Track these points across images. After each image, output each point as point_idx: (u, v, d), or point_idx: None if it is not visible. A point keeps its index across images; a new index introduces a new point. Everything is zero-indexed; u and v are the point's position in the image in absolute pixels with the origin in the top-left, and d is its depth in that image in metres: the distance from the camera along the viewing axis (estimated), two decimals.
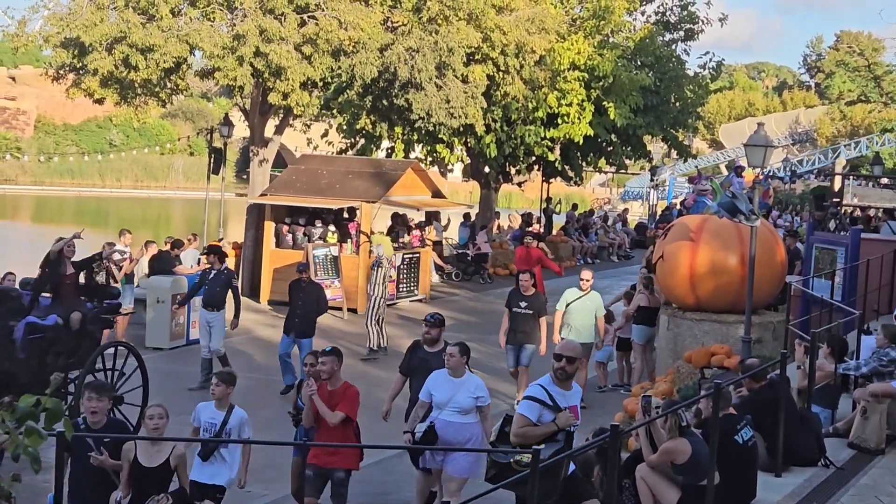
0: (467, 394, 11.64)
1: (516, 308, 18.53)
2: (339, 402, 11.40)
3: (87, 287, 16.84)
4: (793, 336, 18.62)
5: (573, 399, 9.37)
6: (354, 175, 29.96)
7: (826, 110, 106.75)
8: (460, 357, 11.80)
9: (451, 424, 11.57)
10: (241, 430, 11.41)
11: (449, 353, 11.87)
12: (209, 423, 11.49)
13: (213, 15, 28.01)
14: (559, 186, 62.98)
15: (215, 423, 11.44)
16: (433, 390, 11.75)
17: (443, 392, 11.68)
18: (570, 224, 45.26)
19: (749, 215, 17.18)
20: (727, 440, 10.46)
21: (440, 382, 11.77)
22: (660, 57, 40.08)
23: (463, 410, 11.62)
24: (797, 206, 62.09)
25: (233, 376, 12.10)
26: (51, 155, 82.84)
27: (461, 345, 11.99)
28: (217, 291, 20.39)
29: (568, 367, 9.33)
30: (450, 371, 11.79)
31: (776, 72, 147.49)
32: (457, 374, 11.73)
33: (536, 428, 9.10)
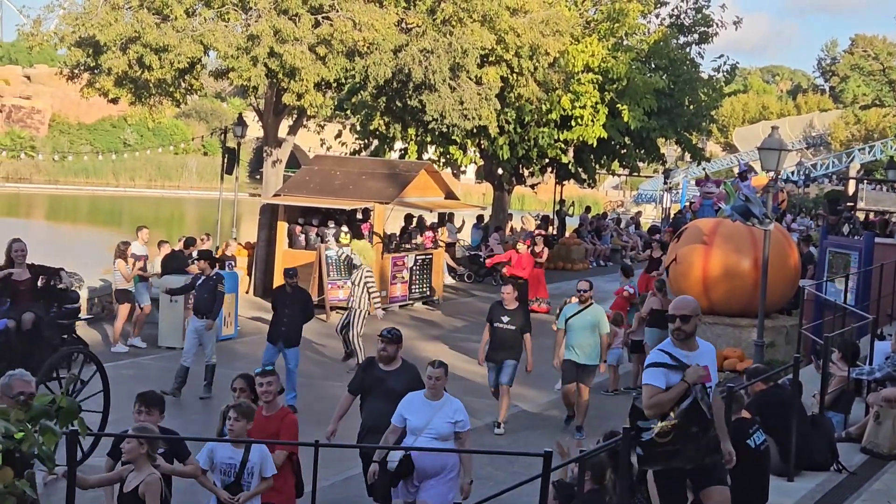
0: (445, 419, 10.78)
1: (498, 323, 17.16)
2: (276, 430, 10.44)
3: (44, 291, 15.79)
4: (806, 340, 18.61)
5: (701, 358, 8.59)
6: (368, 176, 29.97)
7: (840, 114, 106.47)
8: (445, 379, 10.99)
9: (430, 452, 10.68)
10: (263, 467, 10.06)
11: (433, 376, 10.90)
12: (226, 465, 10.03)
13: (228, 15, 28.05)
14: (572, 189, 62.95)
15: (234, 462, 10.01)
16: (407, 414, 10.80)
17: (419, 416, 10.76)
18: (583, 227, 45.25)
19: (762, 219, 17.17)
20: (739, 444, 10.42)
21: (416, 406, 10.86)
22: (674, 60, 40.03)
23: (441, 437, 10.75)
24: (812, 210, 61.95)
25: (252, 409, 10.43)
26: (65, 154, 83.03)
27: (445, 365, 11.11)
28: (206, 298, 19.77)
29: (684, 326, 8.60)
30: (428, 393, 10.92)
31: (790, 75, 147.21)
32: (436, 396, 10.88)
33: (666, 392, 8.46)
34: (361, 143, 39.65)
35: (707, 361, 8.59)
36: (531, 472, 8.60)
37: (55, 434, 3.82)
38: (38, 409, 3.79)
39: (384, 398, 11.45)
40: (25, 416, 3.79)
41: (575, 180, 44.17)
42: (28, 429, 3.75)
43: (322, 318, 27.03)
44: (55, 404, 3.83)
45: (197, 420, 17.17)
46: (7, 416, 3.76)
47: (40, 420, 3.82)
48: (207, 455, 10.05)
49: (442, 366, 11.00)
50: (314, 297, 27.09)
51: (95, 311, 25.09)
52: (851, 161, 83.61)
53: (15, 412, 3.78)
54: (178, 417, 15.98)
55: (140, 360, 21.90)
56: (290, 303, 18.91)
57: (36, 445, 3.75)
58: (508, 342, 17.10)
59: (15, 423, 3.74)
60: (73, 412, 3.85)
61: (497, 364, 17.21)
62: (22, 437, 3.77)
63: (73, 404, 3.83)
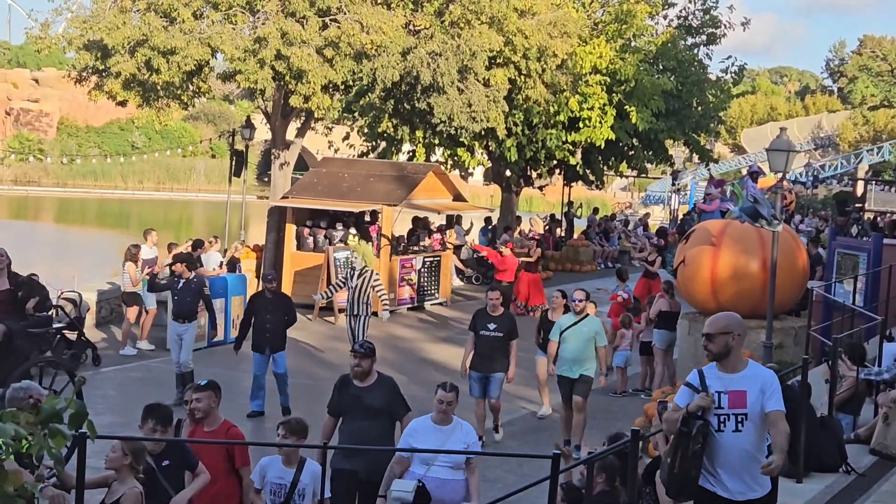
0: (459, 445, 9.97)
1: (483, 331, 16.22)
2: (223, 448, 9.84)
3: (23, 302, 15.92)
4: (814, 341, 18.59)
5: (740, 383, 7.80)
6: (376, 178, 29.99)
7: (849, 115, 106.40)
8: (457, 403, 10.24)
9: (446, 483, 9.91)
10: (315, 487, 9.66)
11: (444, 400, 10.12)
12: (277, 484, 9.70)
13: (235, 18, 28.09)
14: (580, 190, 62.95)
15: (284, 482, 9.65)
16: (415, 443, 9.92)
17: (428, 444, 9.87)
18: (591, 228, 45.22)
19: (771, 220, 17.14)
20: None
21: (424, 432, 10.05)
22: (682, 61, 40.00)
23: (455, 465, 9.95)
24: (819, 210, 61.87)
25: (303, 426, 10.04)
26: (73, 157, 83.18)
27: (457, 389, 10.35)
28: (187, 302, 19.22)
29: (709, 345, 7.90)
30: (436, 417, 10.12)
31: (799, 76, 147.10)
32: (445, 421, 10.11)
33: (673, 412, 7.95)
34: (369, 146, 39.66)
35: (746, 387, 7.79)
36: (540, 474, 8.60)
37: (65, 437, 3.83)
38: (48, 412, 3.80)
39: (363, 415, 10.92)
40: (35, 419, 3.80)
41: (583, 182, 44.12)
42: (37, 431, 3.77)
43: (330, 320, 27.06)
44: (65, 407, 3.84)
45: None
46: (17, 418, 3.77)
47: (50, 423, 3.83)
48: (260, 473, 9.67)
49: (454, 389, 10.19)
50: (322, 300, 27.16)
51: (104, 315, 25.13)
52: (860, 162, 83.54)
53: (24, 415, 3.79)
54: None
55: (148, 362, 21.93)
56: (271, 308, 18.25)
57: (45, 448, 3.76)
58: (496, 350, 16.23)
59: (25, 427, 3.75)
60: (83, 415, 3.86)
61: (483, 375, 16.27)
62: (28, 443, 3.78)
63: (82, 407, 3.84)
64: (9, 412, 3.78)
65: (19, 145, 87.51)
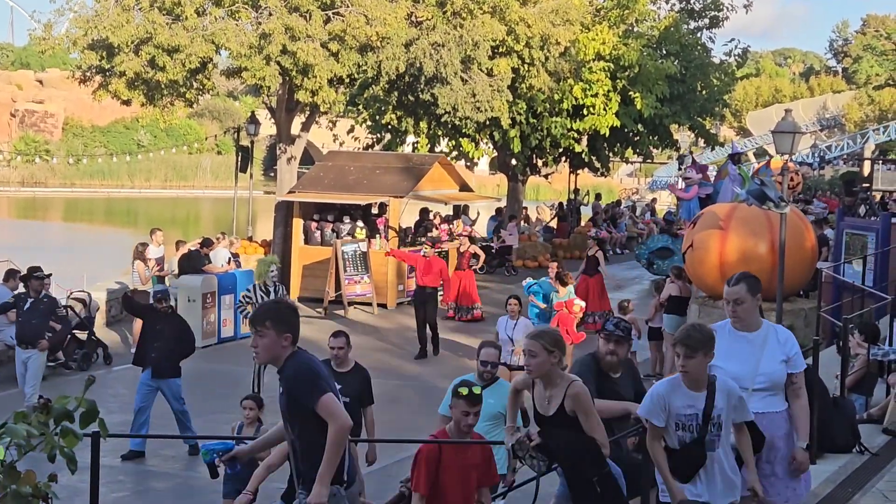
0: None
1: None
2: None
3: None
4: (825, 322, 18.58)
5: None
6: (382, 170, 30.00)
7: (854, 95, 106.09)
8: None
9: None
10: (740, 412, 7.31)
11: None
12: (685, 416, 7.22)
13: (239, 14, 28.08)
14: (586, 177, 62.86)
15: (695, 412, 7.19)
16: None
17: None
18: (597, 215, 45.20)
19: (778, 202, 17.13)
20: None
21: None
22: (685, 45, 39.97)
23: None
24: (826, 191, 61.83)
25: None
26: (79, 157, 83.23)
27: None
28: (32, 325, 17.17)
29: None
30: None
31: (802, 57, 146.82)
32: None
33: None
34: (374, 138, 39.67)
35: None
36: None
37: (76, 436, 3.84)
38: (59, 411, 3.80)
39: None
40: (46, 418, 3.80)
41: (589, 169, 44.13)
42: (48, 431, 3.77)
43: (340, 313, 27.09)
44: (76, 406, 3.85)
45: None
46: (27, 418, 3.78)
47: (61, 422, 3.84)
48: (661, 408, 7.29)
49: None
50: (331, 293, 27.20)
51: (114, 314, 25.17)
52: (866, 142, 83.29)
53: (35, 415, 3.80)
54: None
55: None
56: (162, 327, 15.69)
57: (57, 448, 3.76)
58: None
59: (36, 426, 3.76)
60: (94, 413, 3.87)
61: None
62: (37, 443, 3.79)
63: (93, 406, 3.84)
64: (19, 413, 3.79)
65: (25, 147, 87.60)
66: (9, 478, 3.74)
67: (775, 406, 7.89)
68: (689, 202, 31.61)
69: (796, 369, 7.87)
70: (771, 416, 7.85)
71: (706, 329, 7.27)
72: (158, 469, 14.57)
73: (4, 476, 3.73)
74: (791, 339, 7.94)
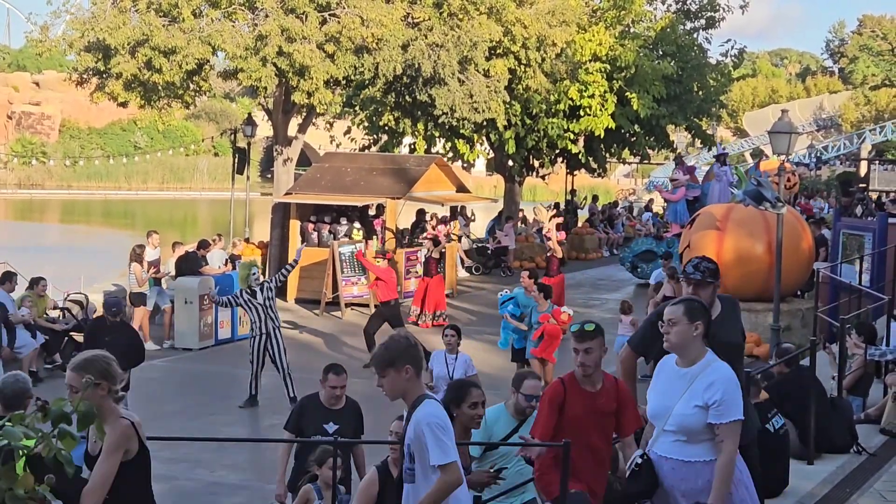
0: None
1: (319, 435, 10.34)
2: None
3: None
4: (822, 323, 18.60)
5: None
6: (379, 172, 30.00)
7: (850, 95, 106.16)
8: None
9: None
10: None
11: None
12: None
13: (235, 15, 28.07)
14: (583, 178, 62.88)
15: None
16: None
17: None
18: (594, 216, 45.24)
19: (774, 203, 17.15)
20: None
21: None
22: (681, 46, 39.96)
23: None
24: (823, 191, 61.89)
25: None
26: (76, 159, 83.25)
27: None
28: None
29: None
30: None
31: (799, 58, 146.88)
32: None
33: None
34: (371, 139, 39.67)
35: None
36: None
37: (74, 438, 3.84)
38: (56, 414, 3.80)
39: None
40: (43, 421, 3.81)
41: (585, 170, 44.14)
42: (46, 433, 3.77)
43: (337, 314, 27.09)
44: (73, 408, 3.85)
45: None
46: (25, 420, 3.78)
47: (59, 424, 3.84)
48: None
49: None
50: (328, 294, 27.21)
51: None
52: (862, 142, 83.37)
53: (31, 417, 3.80)
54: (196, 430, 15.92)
55: (156, 362, 21.94)
56: (111, 339, 14.37)
57: (54, 450, 3.76)
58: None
59: (33, 429, 3.76)
60: (91, 416, 3.87)
61: None
62: (35, 443, 3.79)
63: (90, 408, 3.84)
64: (17, 415, 3.79)
65: (22, 149, 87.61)
66: (5, 480, 3.74)
67: (688, 455, 6.92)
68: (675, 204, 31.56)
69: (719, 420, 6.78)
70: (675, 463, 6.95)
71: (399, 342, 6.56)
72: (156, 471, 14.53)
73: (1, 478, 3.74)
74: (719, 384, 6.82)
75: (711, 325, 7.31)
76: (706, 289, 7.78)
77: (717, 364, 6.92)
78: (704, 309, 7.11)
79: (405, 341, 6.53)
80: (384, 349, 6.52)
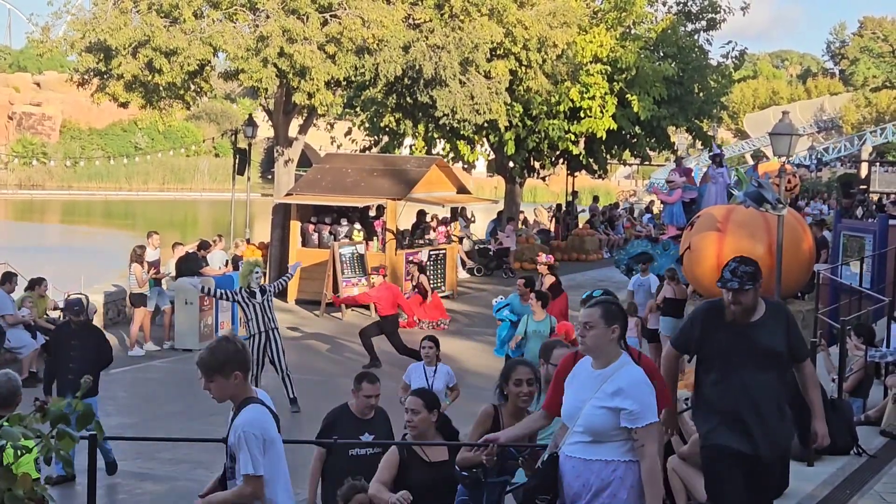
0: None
1: (354, 451, 9.53)
2: None
3: None
4: (822, 325, 18.59)
5: None
6: (379, 173, 30.01)
7: (851, 97, 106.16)
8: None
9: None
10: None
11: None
12: None
13: (236, 16, 28.07)
14: (584, 179, 62.90)
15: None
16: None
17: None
18: (595, 217, 45.23)
19: (775, 204, 17.13)
20: None
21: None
22: (682, 47, 39.97)
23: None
24: (823, 193, 61.88)
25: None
26: (77, 159, 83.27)
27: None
28: None
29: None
30: None
31: (800, 60, 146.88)
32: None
33: None
34: (371, 140, 39.68)
35: None
36: None
37: (73, 438, 3.84)
38: (55, 414, 3.80)
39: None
40: (42, 421, 3.80)
41: (586, 171, 44.15)
42: (44, 434, 3.77)
43: (338, 315, 27.09)
44: (73, 408, 3.85)
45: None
46: (23, 420, 3.78)
47: (58, 424, 3.84)
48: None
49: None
50: (329, 295, 27.20)
51: (111, 316, 25.17)
52: (863, 144, 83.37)
53: (30, 417, 3.80)
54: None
55: (156, 363, 21.97)
56: (77, 343, 14.41)
57: (53, 450, 3.76)
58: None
59: (31, 429, 3.76)
60: (90, 416, 3.87)
61: None
62: (32, 444, 3.79)
63: (90, 408, 3.84)
64: (15, 415, 3.79)
65: (23, 149, 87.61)
66: (4, 480, 3.74)
67: (590, 454, 6.74)
68: (672, 206, 31.48)
69: (634, 424, 6.62)
70: (576, 462, 6.79)
71: (227, 347, 6.63)
72: (154, 472, 14.56)
73: (0, 479, 3.73)
74: (628, 390, 6.65)
75: (751, 329, 7.53)
76: (746, 294, 7.61)
77: (629, 368, 6.80)
78: (621, 311, 7.01)
79: (232, 346, 6.66)
80: (211, 354, 6.64)
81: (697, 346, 7.87)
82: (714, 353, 7.77)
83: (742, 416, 7.66)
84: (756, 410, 7.67)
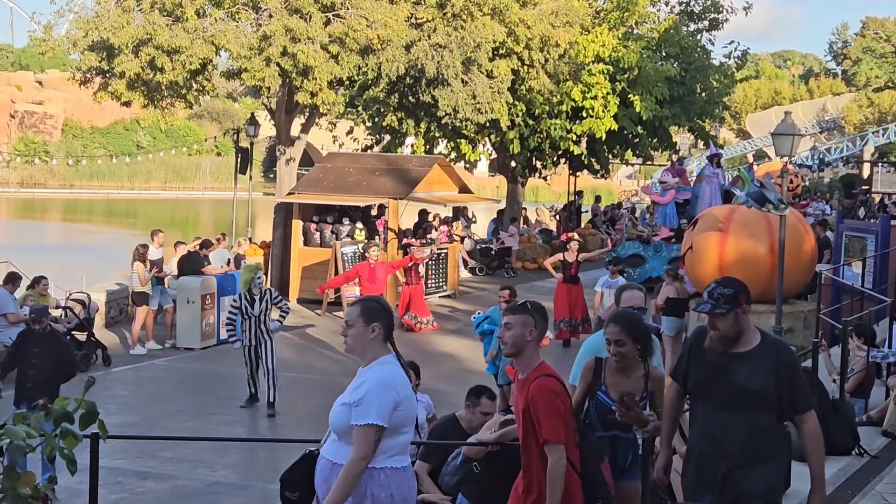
0: None
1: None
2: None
3: None
4: (824, 325, 18.59)
5: None
6: (381, 172, 30.00)
7: (853, 97, 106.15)
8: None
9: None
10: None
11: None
12: None
13: (239, 15, 28.06)
14: (586, 179, 62.89)
15: None
16: None
17: None
18: (597, 217, 45.23)
19: (777, 205, 17.13)
20: None
21: None
22: (685, 47, 39.99)
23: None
24: (826, 193, 61.86)
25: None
26: (79, 158, 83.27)
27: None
28: None
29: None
30: None
31: (802, 60, 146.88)
32: None
33: None
34: (373, 139, 39.68)
35: None
36: None
37: (76, 437, 3.84)
38: (58, 413, 3.81)
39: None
40: (45, 419, 3.81)
41: (588, 171, 44.16)
42: (48, 432, 3.77)
43: (339, 314, 27.09)
44: (76, 407, 3.85)
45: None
46: (27, 419, 3.79)
47: (61, 423, 3.84)
48: None
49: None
50: (331, 294, 27.20)
51: (113, 315, 25.17)
52: (865, 144, 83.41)
53: (34, 416, 3.80)
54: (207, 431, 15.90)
55: (158, 362, 21.96)
56: (40, 351, 13.95)
57: (57, 449, 3.77)
58: None
59: (35, 427, 3.76)
60: (93, 415, 3.87)
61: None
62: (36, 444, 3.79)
63: (93, 407, 3.85)
64: (18, 414, 3.79)
65: (24, 148, 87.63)
66: (8, 479, 3.74)
67: (333, 454, 6.46)
68: (665, 207, 31.41)
69: (356, 420, 6.26)
70: (324, 462, 6.52)
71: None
72: (157, 471, 14.56)
73: (4, 477, 3.74)
74: (367, 385, 6.32)
75: (729, 361, 6.73)
76: (723, 320, 6.72)
77: (383, 367, 6.41)
78: (384, 309, 6.60)
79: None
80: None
81: (686, 378, 7.05)
82: (692, 386, 7.03)
83: (708, 462, 6.86)
84: (720, 455, 6.80)
